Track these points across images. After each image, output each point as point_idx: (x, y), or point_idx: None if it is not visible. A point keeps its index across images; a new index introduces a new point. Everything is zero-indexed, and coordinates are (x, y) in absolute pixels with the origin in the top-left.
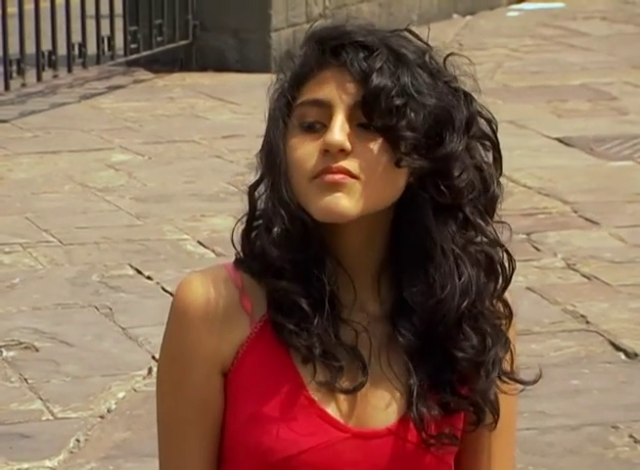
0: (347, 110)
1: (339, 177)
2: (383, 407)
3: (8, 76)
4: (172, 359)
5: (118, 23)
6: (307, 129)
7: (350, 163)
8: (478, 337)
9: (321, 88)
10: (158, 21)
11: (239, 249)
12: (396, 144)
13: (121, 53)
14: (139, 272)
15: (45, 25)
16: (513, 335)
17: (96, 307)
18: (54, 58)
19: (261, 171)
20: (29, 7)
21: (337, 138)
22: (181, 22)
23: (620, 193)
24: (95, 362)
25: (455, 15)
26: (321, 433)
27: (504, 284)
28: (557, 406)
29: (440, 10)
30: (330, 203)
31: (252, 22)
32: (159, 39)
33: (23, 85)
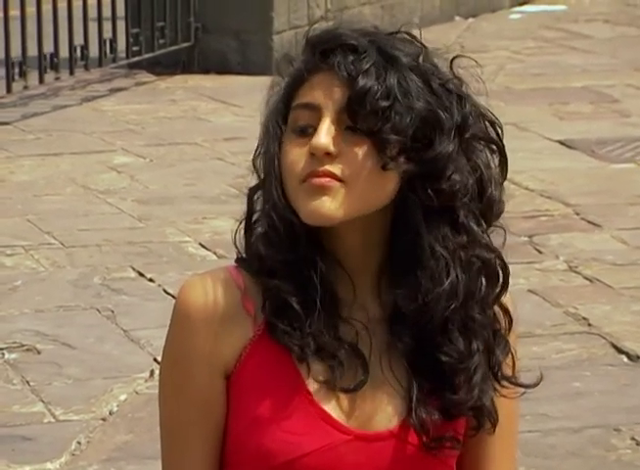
0: (335, 113)
1: (324, 181)
2: (384, 410)
3: (10, 79)
4: (175, 362)
5: (121, 25)
6: (300, 133)
7: (336, 166)
8: (465, 342)
9: (312, 92)
10: (160, 23)
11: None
12: (382, 147)
13: (123, 55)
14: (141, 275)
15: (47, 28)
16: (513, 339)
17: (98, 310)
18: (56, 60)
19: (258, 174)
20: (32, 9)
21: (321, 142)
22: (183, 24)
23: (622, 195)
24: (97, 365)
25: (457, 17)
26: (324, 435)
27: (499, 290)
28: (559, 409)
29: (443, 12)
30: (315, 206)
31: (254, 24)
32: (161, 42)
33: (26, 87)
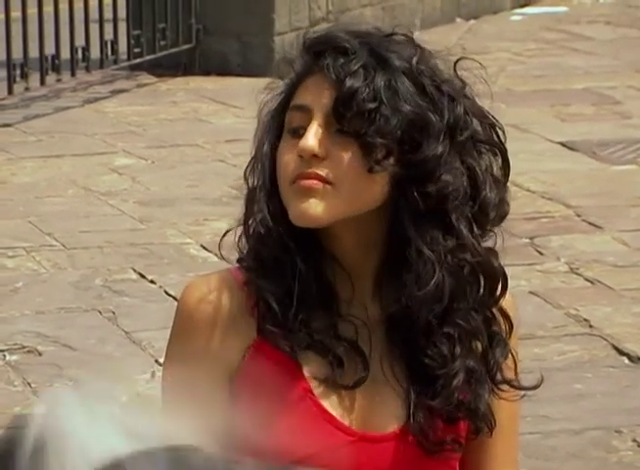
0: (325, 115)
1: (311, 183)
2: (386, 411)
3: (11, 80)
4: (178, 364)
5: (122, 27)
6: (293, 134)
7: (324, 168)
8: (450, 346)
9: (305, 94)
10: (161, 25)
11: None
12: (368, 150)
13: (125, 57)
14: (142, 276)
15: (48, 29)
16: (514, 341)
17: (99, 311)
18: (57, 62)
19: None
20: (33, 11)
21: (308, 144)
22: (184, 26)
23: (624, 197)
24: (98, 366)
25: (458, 19)
26: (327, 436)
27: (493, 294)
28: (560, 411)
29: (444, 14)
30: (302, 208)
31: (256, 25)
32: (162, 43)
33: (27, 89)
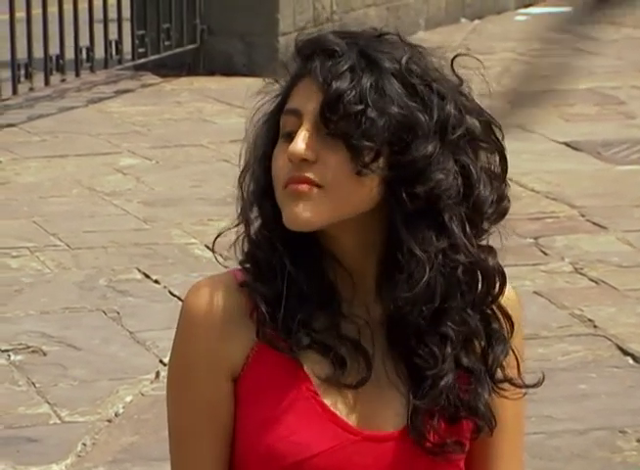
0: (313, 119)
1: (301, 187)
2: (389, 411)
3: (16, 81)
4: (181, 366)
5: (126, 27)
6: (287, 138)
7: (314, 172)
8: (441, 347)
9: (297, 98)
10: (165, 25)
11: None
12: (356, 153)
13: (129, 57)
14: (147, 276)
15: (53, 30)
16: (519, 341)
17: (103, 311)
18: (62, 62)
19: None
20: (37, 11)
21: (296, 148)
22: (189, 26)
23: (628, 197)
24: (102, 366)
25: (463, 19)
26: (332, 436)
27: (489, 294)
28: (564, 411)
29: (448, 14)
30: (293, 212)
31: (260, 26)
32: (166, 43)
33: (31, 89)
